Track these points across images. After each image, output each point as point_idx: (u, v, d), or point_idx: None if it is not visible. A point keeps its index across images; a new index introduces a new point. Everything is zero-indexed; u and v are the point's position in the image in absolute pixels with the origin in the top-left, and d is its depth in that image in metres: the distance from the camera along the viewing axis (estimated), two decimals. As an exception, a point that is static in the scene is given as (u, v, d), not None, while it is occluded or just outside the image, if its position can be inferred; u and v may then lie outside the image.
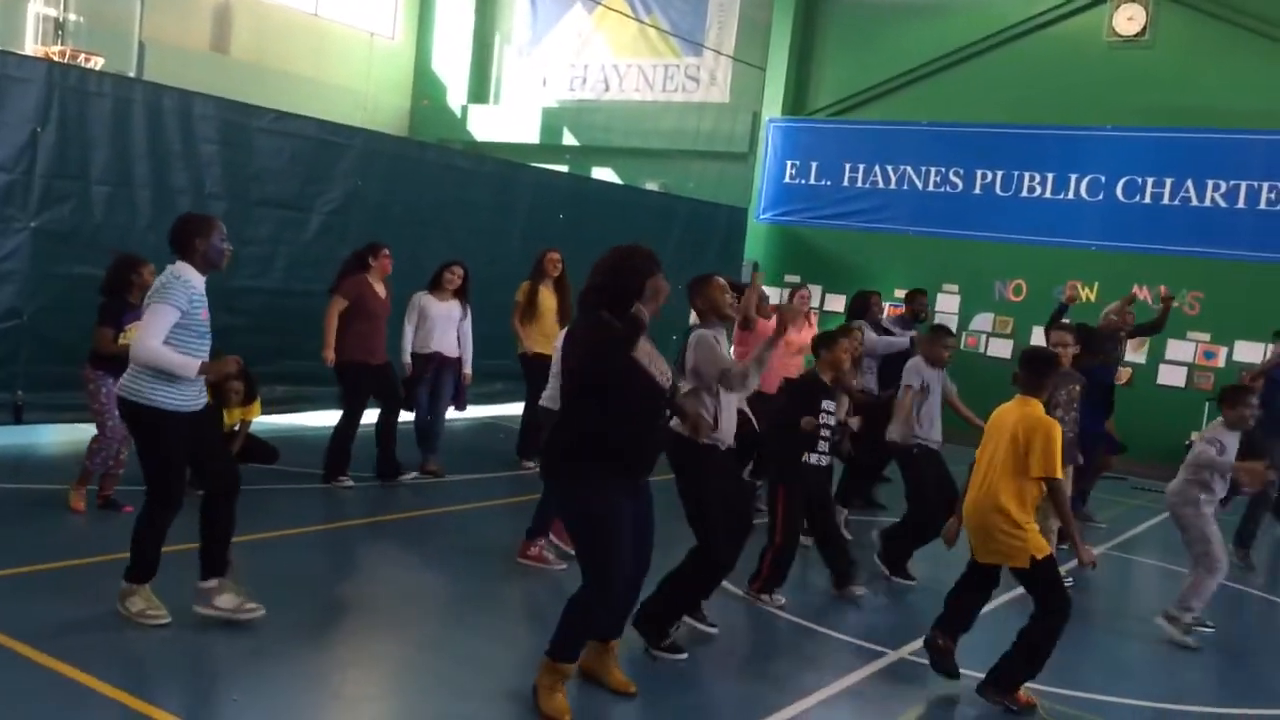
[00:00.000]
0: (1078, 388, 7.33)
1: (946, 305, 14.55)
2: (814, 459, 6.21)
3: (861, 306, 9.51)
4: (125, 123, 8.11)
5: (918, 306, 10.10)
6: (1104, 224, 13.69)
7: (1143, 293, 13.48)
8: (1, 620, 4.59)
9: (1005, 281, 14.29)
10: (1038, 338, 13.55)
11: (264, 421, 8.05)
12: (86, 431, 8.45)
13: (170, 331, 4.62)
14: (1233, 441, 6.19)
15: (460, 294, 8.46)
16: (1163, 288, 8.46)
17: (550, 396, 6.53)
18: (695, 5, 17.56)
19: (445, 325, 8.38)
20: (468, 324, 8.52)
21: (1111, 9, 13.92)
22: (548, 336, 8.78)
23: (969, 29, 14.70)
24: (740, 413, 5.63)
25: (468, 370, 8.64)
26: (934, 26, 14.96)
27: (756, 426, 7.05)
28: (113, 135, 8.03)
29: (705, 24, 17.44)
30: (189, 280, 4.71)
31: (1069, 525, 4.97)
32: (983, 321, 14.44)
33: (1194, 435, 11.87)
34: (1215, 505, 6.21)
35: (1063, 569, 5.20)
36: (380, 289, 7.98)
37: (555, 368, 6.41)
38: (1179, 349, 13.26)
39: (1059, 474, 4.81)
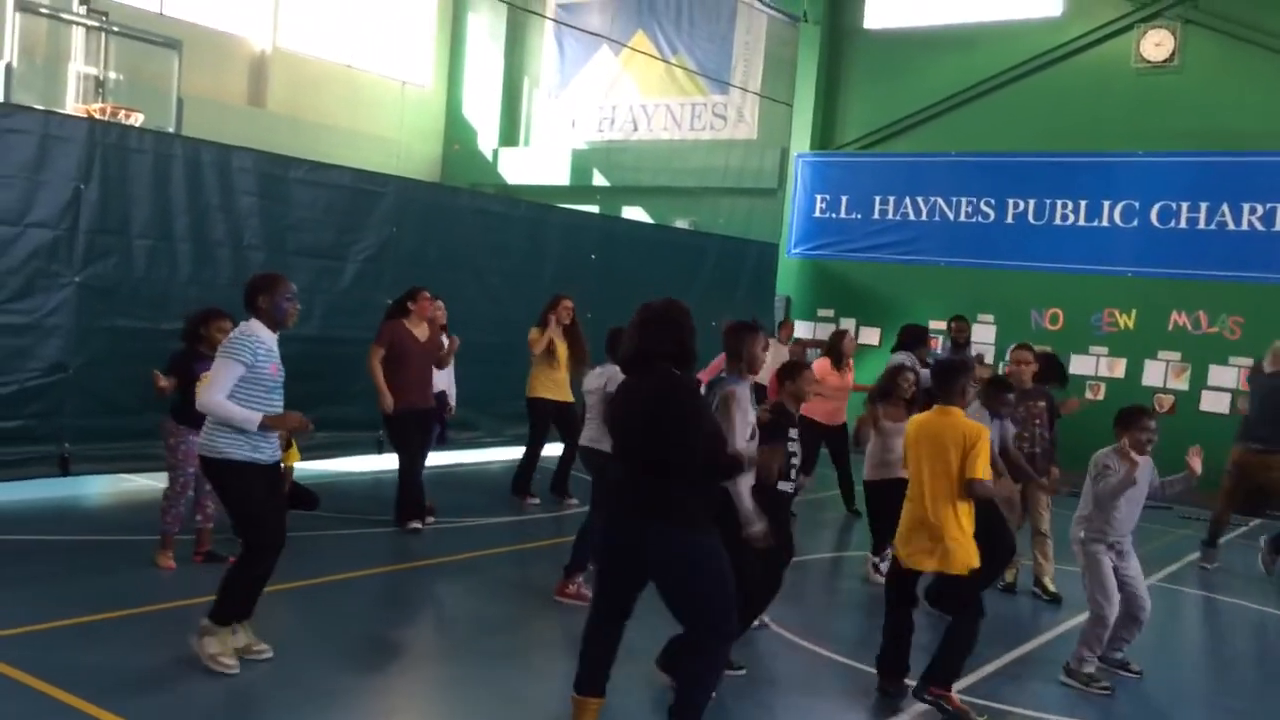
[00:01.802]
0: (1042, 404, 7.42)
1: (983, 335, 14.46)
2: (783, 485, 6.16)
3: (913, 339, 9.39)
4: (165, 177, 8.28)
5: (955, 331, 10.06)
6: (1140, 250, 13.59)
7: (1182, 318, 13.37)
8: (53, 671, 4.64)
9: (1042, 310, 14.20)
10: (1077, 365, 13.50)
11: (303, 468, 8.12)
12: (131, 482, 8.63)
13: (238, 385, 4.76)
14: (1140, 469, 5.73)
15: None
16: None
17: (593, 438, 6.53)
18: (721, 44, 17.71)
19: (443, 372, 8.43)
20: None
21: (1138, 35, 13.89)
22: (558, 383, 8.92)
23: (996, 59, 14.72)
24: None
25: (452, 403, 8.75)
26: (961, 58, 14.99)
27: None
28: (153, 190, 8.20)
29: (731, 62, 17.58)
30: (257, 336, 4.84)
31: (1005, 490, 5.36)
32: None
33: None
34: (1108, 541, 5.76)
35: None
36: (421, 332, 8.05)
37: (594, 410, 6.45)
38: (1221, 375, 13.09)
39: (978, 474, 5.00)
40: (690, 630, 4.19)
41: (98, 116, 12.31)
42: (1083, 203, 14.01)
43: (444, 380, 8.50)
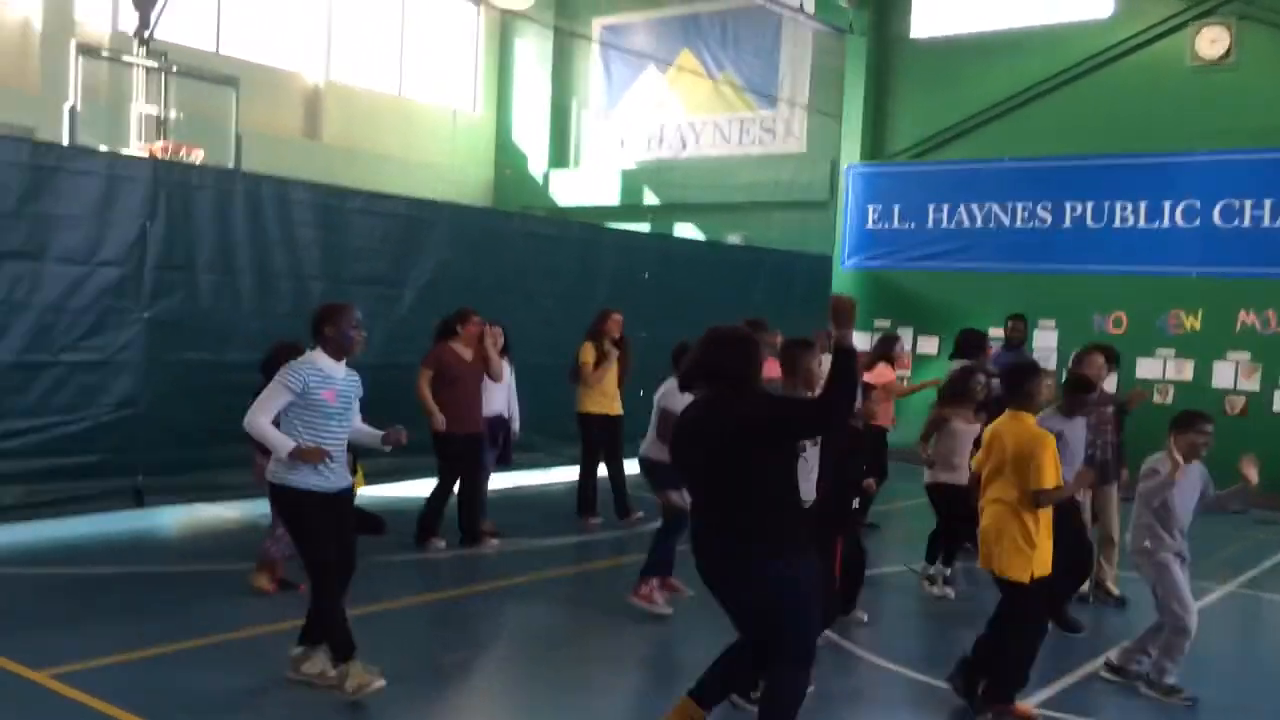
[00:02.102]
0: (1110, 409, 7.34)
1: (1045, 340, 14.26)
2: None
3: (972, 347, 9.28)
4: (227, 212, 8.47)
5: (1010, 331, 9.93)
6: (1203, 250, 13.32)
7: (1250, 318, 13.08)
8: (133, 700, 4.74)
9: (1105, 314, 13.96)
10: (1144, 369, 13.26)
11: (367, 493, 8.22)
12: (205, 511, 8.79)
13: (294, 412, 4.87)
14: (1187, 480, 5.54)
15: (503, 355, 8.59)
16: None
17: (650, 447, 6.57)
18: (767, 59, 17.71)
19: (496, 388, 8.46)
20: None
21: (1192, 33, 13.66)
22: (608, 396, 8.99)
23: (1047, 63, 14.55)
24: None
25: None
26: (1011, 63, 14.85)
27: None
28: (216, 225, 8.39)
29: (778, 76, 17.57)
30: (313, 363, 4.94)
31: (1065, 493, 5.18)
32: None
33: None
34: (1175, 549, 5.56)
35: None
36: (468, 354, 8.11)
37: (656, 419, 6.52)
38: (1293, 374, 12.79)
39: (1045, 484, 4.96)
40: (779, 653, 4.12)
41: (160, 155, 12.62)
42: (1142, 204, 13.78)
43: (501, 402, 8.55)
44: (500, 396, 8.53)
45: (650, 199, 18.55)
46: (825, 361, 6.03)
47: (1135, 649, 5.77)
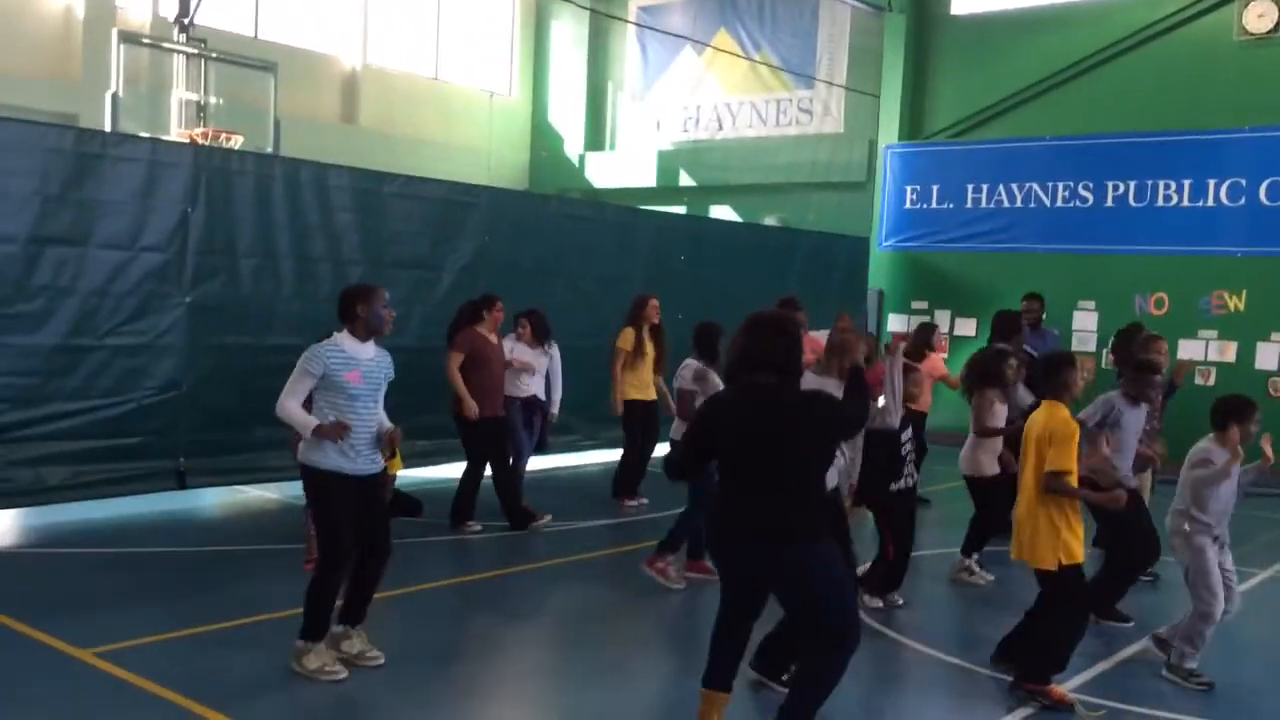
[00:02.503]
0: (1157, 395, 7.20)
1: (1084, 322, 14.10)
2: (895, 485, 6.36)
3: (1008, 329, 9.14)
4: (267, 197, 8.54)
5: (1024, 312, 9.74)
6: (1249, 229, 13.09)
7: (1296, 298, 12.85)
8: (176, 679, 4.83)
9: (1146, 295, 13.76)
10: (1185, 351, 13.05)
11: (405, 475, 8.31)
12: (245, 493, 8.92)
13: (320, 394, 4.94)
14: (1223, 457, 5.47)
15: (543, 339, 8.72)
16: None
17: (679, 429, 6.63)
18: (804, 39, 17.57)
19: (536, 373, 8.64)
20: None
21: (1240, 7, 13.38)
22: (646, 383, 9.04)
23: (1090, 39, 14.32)
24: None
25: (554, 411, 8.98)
26: (1053, 39, 14.63)
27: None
28: (256, 210, 8.47)
29: (815, 56, 17.43)
30: (339, 346, 4.98)
31: (1083, 496, 5.14)
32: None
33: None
34: (1213, 534, 5.51)
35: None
36: (494, 338, 8.19)
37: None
38: (1340, 355, 12.56)
39: (1060, 466, 4.95)
40: (817, 636, 4.16)
41: (200, 140, 12.75)
42: (1186, 182, 13.55)
43: (538, 384, 8.60)
44: (537, 379, 8.58)
45: (686, 181, 18.50)
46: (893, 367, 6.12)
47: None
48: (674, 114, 18.97)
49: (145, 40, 14.18)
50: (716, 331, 7.01)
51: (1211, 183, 13.37)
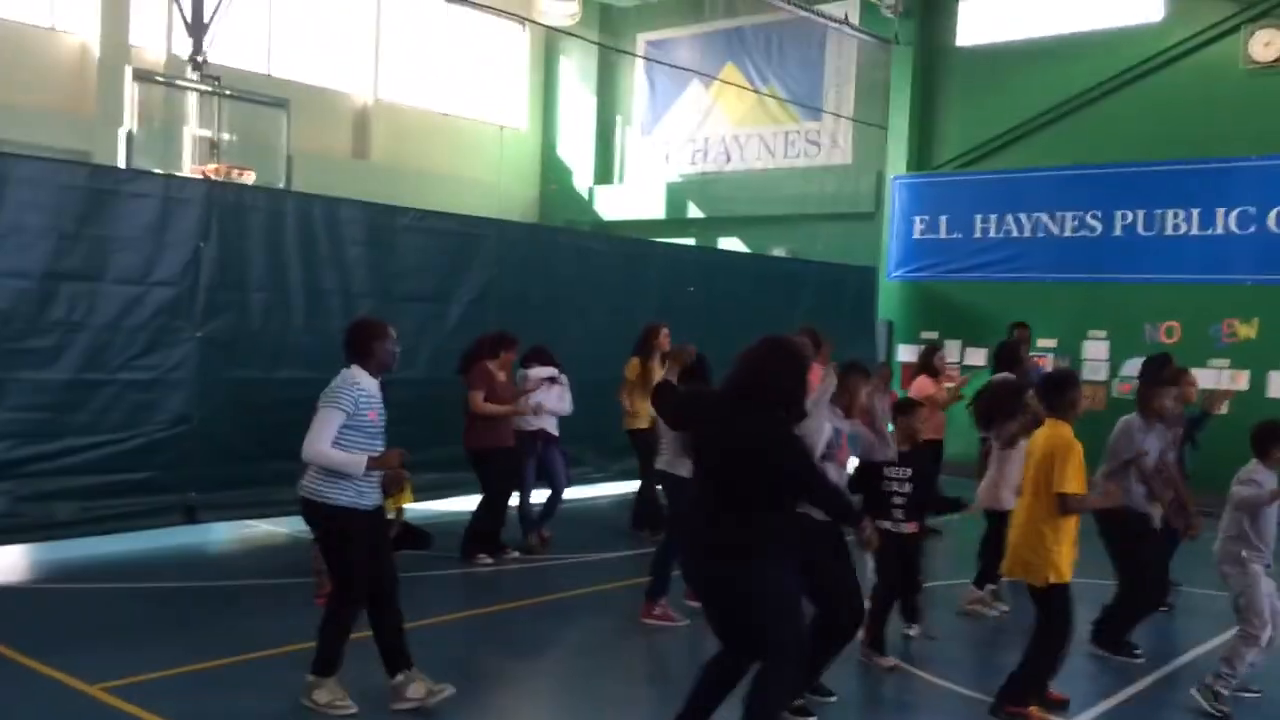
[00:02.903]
0: (1178, 429, 7.16)
1: (1095, 352, 14.06)
2: (883, 524, 5.94)
3: (1012, 356, 9.13)
4: (279, 232, 8.60)
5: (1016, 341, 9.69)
6: (1259, 257, 13.06)
7: (1308, 326, 12.80)
8: (183, 714, 4.82)
9: (1156, 324, 13.72)
10: (1197, 379, 12.93)
11: (415, 508, 8.30)
12: (255, 528, 8.91)
13: (341, 432, 4.86)
14: (1272, 481, 5.57)
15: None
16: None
17: (668, 461, 6.58)
18: (812, 71, 17.67)
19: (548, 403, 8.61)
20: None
21: (1246, 36, 13.43)
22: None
23: (1096, 69, 14.38)
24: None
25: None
26: (1059, 69, 14.68)
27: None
28: (268, 245, 8.53)
29: (823, 88, 17.52)
30: (359, 382, 4.96)
31: (1092, 504, 5.29)
32: (1134, 367, 13.80)
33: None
34: (1265, 560, 5.53)
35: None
36: (502, 376, 8.29)
37: (671, 436, 6.49)
38: (1356, 383, 12.48)
39: (1067, 489, 5.00)
40: (758, 655, 4.17)
41: (213, 177, 12.85)
42: (1195, 211, 13.54)
43: (548, 419, 8.61)
44: (547, 416, 8.61)
45: (695, 213, 18.56)
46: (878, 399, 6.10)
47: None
48: (682, 146, 19.07)
49: (159, 78, 14.31)
50: (704, 362, 7.06)
51: (1220, 211, 13.36)
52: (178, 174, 11.46)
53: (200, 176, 12.44)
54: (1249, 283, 13.13)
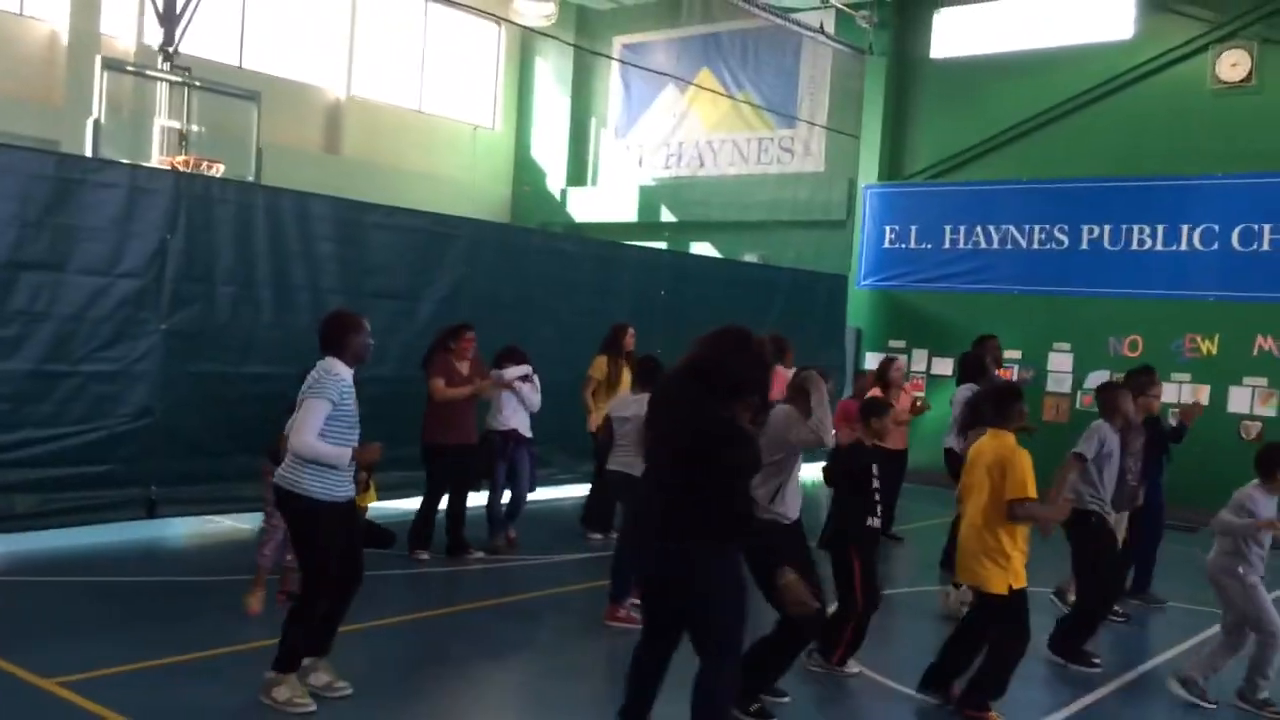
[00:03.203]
0: (1142, 439, 7.37)
1: (1060, 364, 14.21)
2: (872, 522, 6.05)
3: (974, 371, 9.22)
4: (247, 226, 8.53)
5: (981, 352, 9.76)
6: (1221, 274, 13.25)
7: (1268, 343, 13.00)
8: (140, 710, 4.76)
9: (1120, 338, 13.89)
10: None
11: (381, 507, 8.25)
12: (217, 524, 8.82)
13: (325, 423, 4.87)
14: (1270, 508, 5.79)
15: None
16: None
17: (627, 463, 6.59)
18: (786, 78, 17.76)
19: (517, 404, 8.50)
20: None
21: (1213, 56, 13.64)
22: None
23: (1067, 84, 14.54)
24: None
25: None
26: (1031, 84, 14.84)
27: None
28: (236, 238, 8.45)
29: (797, 96, 17.61)
30: (339, 374, 4.97)
31: (1040, 517, 5.34)
32: (1098, 379, 13.99)
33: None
34: (1260, 573, 5.79)
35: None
36: (464, 368, 8.17)
37: (633, 436, 6.50)
38: (1311, 400, 12.69)
39: (1021, 493, 5.17)
40: (701, 649, 4.14)
41: (181, 168, 12.73)
42: (1160, 227, 13.72)
43: (519, 419, 8.56)
44: (519, 414, 8.55)
45: (667, 217, 18.59)
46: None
47: (1250, 677, 5.86)
48: (656, 150, 19.10)
49: (129, 68, 14.18)
50: (657, 365, 7.11)
51: (1185, 228, 13.55)
52: (145, 165, 11.33)
53: (168, 168, 12.33)
54: (1211, 299, 13.32)
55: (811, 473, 8.40)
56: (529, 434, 8.61)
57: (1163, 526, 8.25)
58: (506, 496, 8.64)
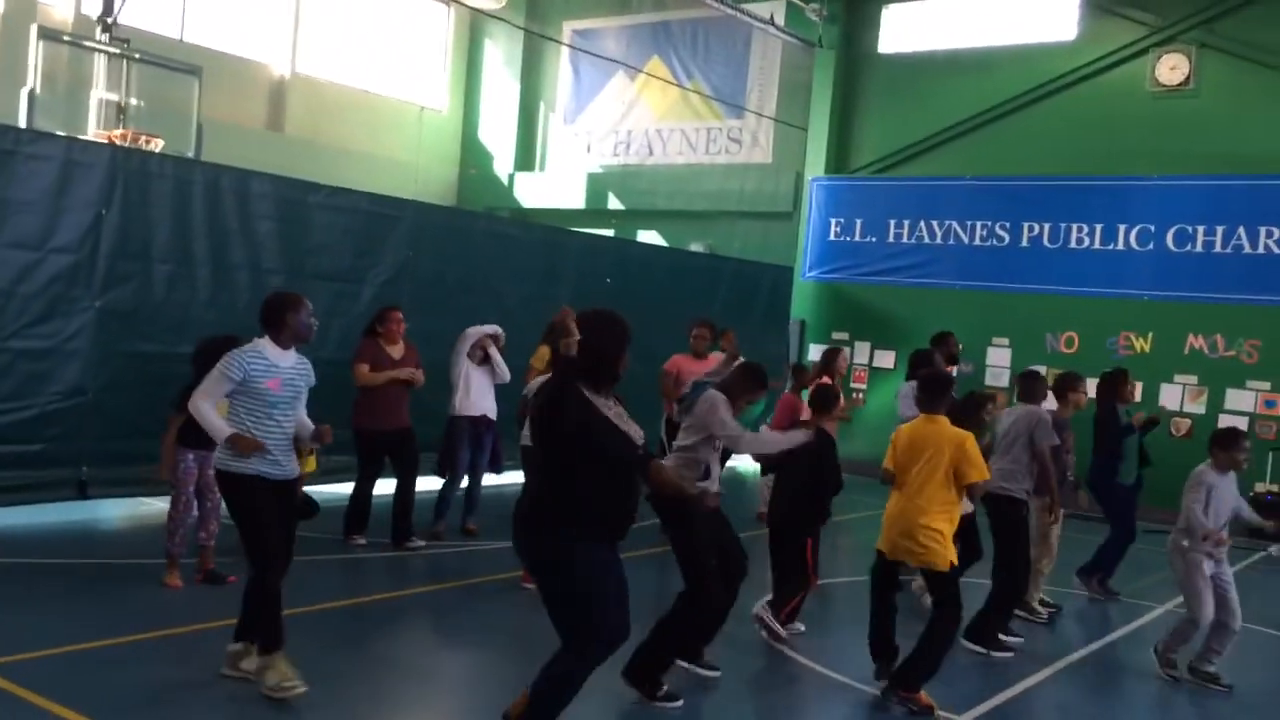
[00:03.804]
0: (1070, 435, 7.67)
1: (998, 359, 14.44)
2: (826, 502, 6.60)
3: (926, 364, 9.25)
4: (186, 203, 8.37)
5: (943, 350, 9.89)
6: (1156, 274, 13.56)
7: (1199, 342, 13.32)
8: (69, 693, 4.67)
9: (1057, 334, 14.15)
10: (1094, 390, 13.35)
11: (322, 490, 8.17)
12: (150, 505, 8.66)
13: (238, 400, 4.87)
14: (1225, 486, 6.24)
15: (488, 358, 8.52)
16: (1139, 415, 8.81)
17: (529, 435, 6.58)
18: (736, 69, 17.80)
19: (485, 388, 8.44)
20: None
21: (1154, 59, 13.91)
22: None
23: (1011, 83, 14.74)
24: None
25: None
26: (976, 82, 15.02)
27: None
28: (174, 215, 8.29)
29: (746, 87, 17.66)
30: (261, 353, 4.93)
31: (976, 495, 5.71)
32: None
33: (1258, 486, 11.70)
34: (1206, 550, 6.15)
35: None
36: (396, 352, 8.06)
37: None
38: (1239, 398, 13.02)
39: (985, 474, 5.51)
40: (561, 635, 4.11)
41: (119, 142, 12.44)
42: (1098, 226, 13.99)
43: (487, 404, 8.48)
44: (488, 399, 8.46)
45: (615, 204, 18.56)
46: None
47: (1205, 649, 6.27)
48: (605, 137, 19.05)
49: (66, 38, 13.81)
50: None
51: (1122, 228, 13.82)
52: (81, 137, 11.08)
53: (105, 141, 12.05)
54: (1145, 298, 13.62)
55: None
56: (494, 418, 8.49)
57: (1131, 524, 8.42)
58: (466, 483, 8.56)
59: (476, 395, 8.39)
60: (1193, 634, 6.24)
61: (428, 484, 8.51)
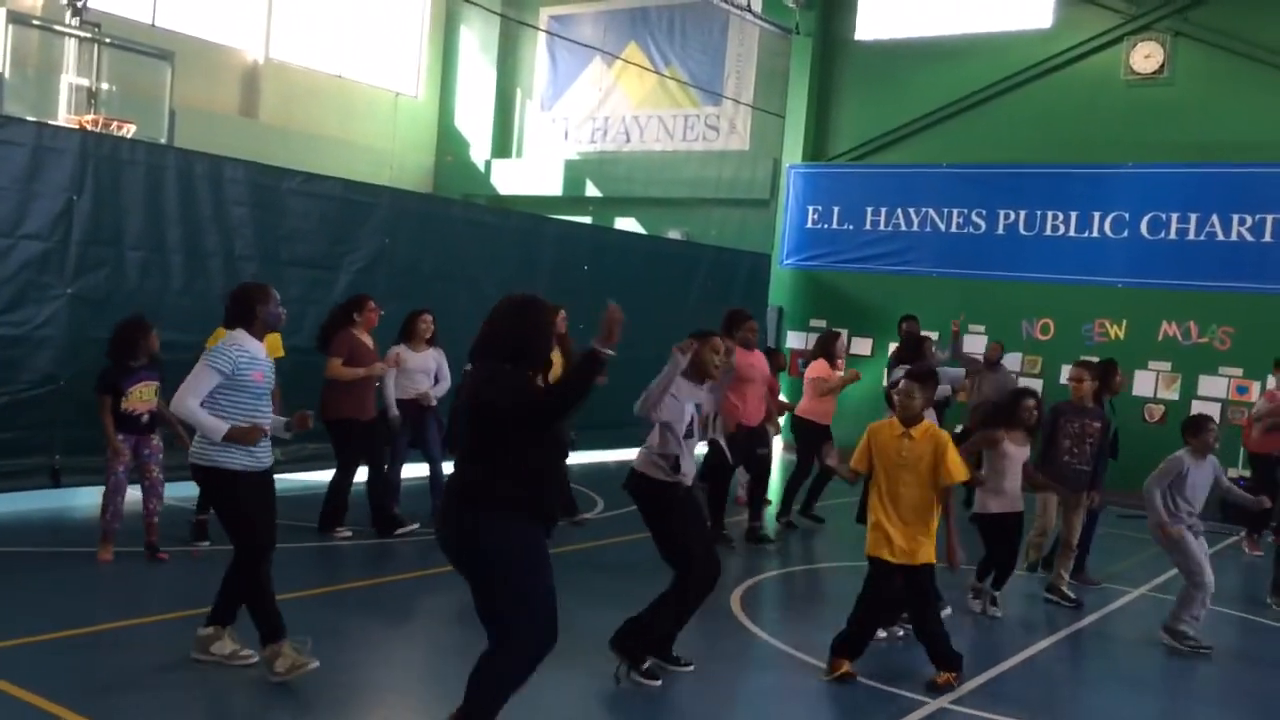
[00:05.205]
0: (1097, 424, 7.53)
1: (974, 346, 14.47)
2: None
3: (914, 347, 9.22)
4: (158, 189, 8.29)
5: (904, 334, 9.94)
6: (1130, 261, 13.66)
7: (1172, 329, 13.43)
8: (41, 682, 4.63)
9: (1032, 321, 14.24)
10: (1067, 376, 13.45)
11: (296, 479, 8.13)
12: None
13: (222, 394, 4.83)
14: (1200, 470, 6.65)
15: (433, 342, 8.37)
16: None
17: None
18: (713, 56, 17.77)
19: (423, 375, 8.30)
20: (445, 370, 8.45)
21: (1128, 48, 13.98)
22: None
23: (987, 71, 14.79)
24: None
25: None
26: (952, 70, 15.06)
27: (729, 457, 7.63)
28: (146, 201, 8.21)
29: (724, 74, 17.63)
30: (242, 345, 4.91)
31: (951, 523, 5.61)
32: (1011, 361, 14.34)
33: (1230, 472, 11.80)
34: (1187, 523, 6.58)
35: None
36: (369, 342, 8.00)
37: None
38: (1212, 385, 13.15)
39: (965, 473, 5.55)
40: (498, 628, 3.96)
41: (90, 128, 12.30)
42: (1073, 214, 14.08)
43: (425, 386, 8.36)
44: (425, 380, 8.38)
45: (592, 191, 18.52)
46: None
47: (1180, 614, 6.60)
48: (582, 124, 18.99)
49: (35, 21, 13.64)
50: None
51: (1097, 215, 13.91)
52: (52, 123, 10.94)
53: (76, 127, 11.91)
54: (1120, 285, 13.72)
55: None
56: (433, 403, 8.34)
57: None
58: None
59: (416, 377, 8.21)
60: (1199, 599, 6.50)
61: (409, 470, 8.49)
